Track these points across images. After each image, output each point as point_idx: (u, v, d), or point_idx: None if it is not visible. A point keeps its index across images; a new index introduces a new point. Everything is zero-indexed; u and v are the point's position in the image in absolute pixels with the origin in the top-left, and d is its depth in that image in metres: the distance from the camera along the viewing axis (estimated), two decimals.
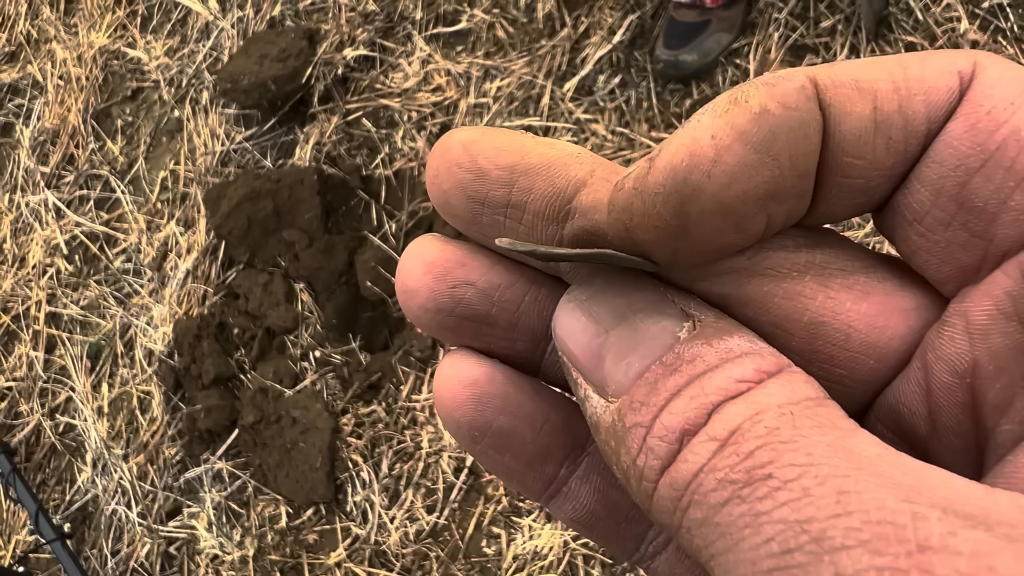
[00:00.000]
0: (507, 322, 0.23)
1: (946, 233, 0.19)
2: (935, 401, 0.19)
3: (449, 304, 0.22)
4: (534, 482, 0.23)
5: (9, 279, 1.91)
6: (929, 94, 0.19)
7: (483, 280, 0.23)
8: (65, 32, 2.12)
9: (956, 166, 0.18)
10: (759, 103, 0.18)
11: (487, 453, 0.23)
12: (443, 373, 0.23)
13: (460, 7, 1.70)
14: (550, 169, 0.21)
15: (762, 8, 1.46)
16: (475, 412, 0.22)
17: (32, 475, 1.73)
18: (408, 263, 0.23)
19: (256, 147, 1.77)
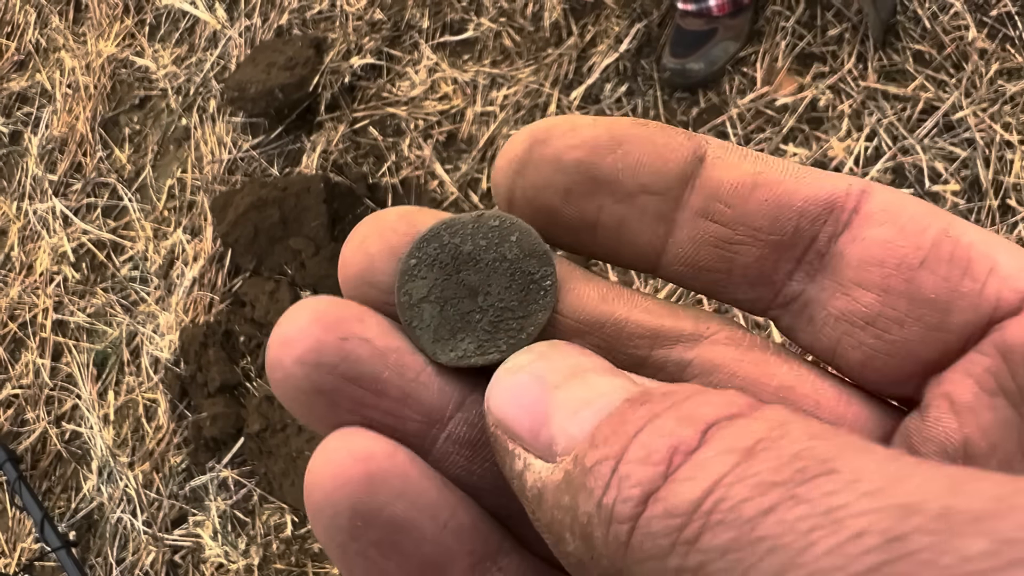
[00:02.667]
0: (399, 392, 0.19)
1: (902, 332, 0.19)
2: None
3: (334, 359, 0.18)
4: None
5: (16, 286, 1.91)
6: (827, 191, 0.19)
7: (381, 339, 0.19)
8: (74, 41, 2.13)
9: (898, 264, 0.19)
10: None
11: (366, 554, 0.18)
12: (327, 448, 0.18)
13: (467, 16, 1.70)
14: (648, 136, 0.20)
15: (769, 16, 1.46)
16: (365, 492, 0.18)
17: (38, 483, 1.73)
18: (293, 313, 0.19)
19: (263, 155, 1.77)
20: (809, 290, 0.20)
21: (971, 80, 1.29)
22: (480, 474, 0.20)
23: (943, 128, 1.29)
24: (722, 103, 1.45)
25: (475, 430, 0.20)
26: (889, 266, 0.19)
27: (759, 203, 0.20)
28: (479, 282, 0.20)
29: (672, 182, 0.20)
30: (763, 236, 0.20)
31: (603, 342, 0.20)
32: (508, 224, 0.20)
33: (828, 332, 0.20)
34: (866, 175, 1.30)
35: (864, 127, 1.33)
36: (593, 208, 0.20)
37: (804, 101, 1.38)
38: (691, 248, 0.20)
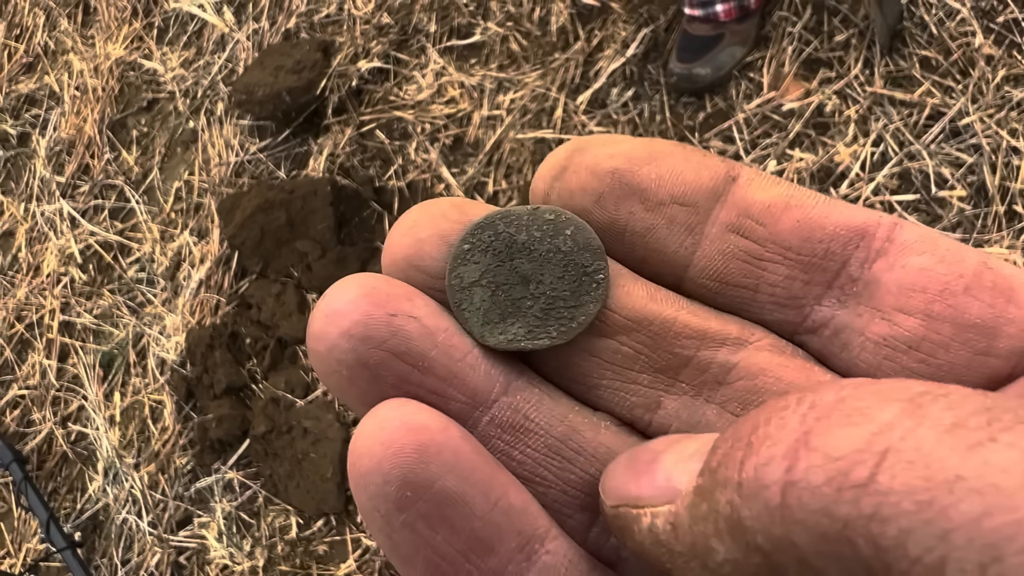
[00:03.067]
0: (446, 371, 0.19)
1: (947, 356, 0.19)
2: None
3: (383, 333, 0.18)
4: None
5: (23, 288, 1.92)
6: (860, 219, 0.20)
7: (430, 319, 0.19)
8: (82, 43, 2.14)
9: (941, 291, 0.19)
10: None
11: (414, 526, 0.18)
12: (378, 416, 0.18)
13: (474, 20, 1.71)
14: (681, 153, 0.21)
15: (776, 22, 1.46)
16: (417, 463, 0.17)
17: (44, 483, 1.74)
18: (340, 287, 0.19)
19: (270, 158, 1.78)
20: (841, 316, 0.20)
21: (978, 86, 1.29)
22: (520, 460, 0.20)
23: (950, 134, 1.29)
24: (728, 108, 1.45)
25: (518, 415, 0.20)
26: (932, 292, 0.19)
27: (791, 223, 0.20)
28: (532, 271, 0.21)
29: (703, 196, 0.20)
30: (793, 255, 0.20)
31: (650, 339, 0.20)
32: (564, 218, 0.21)
33: (867, 357, 0.20)
34: (872, 180, 1.30)
35: (871, 132, 1.33)
36: (624, 214, 0.20)
37: (811, 106, 1.38)
38: (720, 261, 0.20)
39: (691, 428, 0.20)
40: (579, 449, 0.20)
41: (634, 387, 0.21)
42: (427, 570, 0.18)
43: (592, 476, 0.20)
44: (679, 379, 0.21)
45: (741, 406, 0.20)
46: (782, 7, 1.46)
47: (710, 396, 0.20)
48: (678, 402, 0.20)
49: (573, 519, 0.20)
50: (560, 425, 0.20)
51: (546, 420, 0.20)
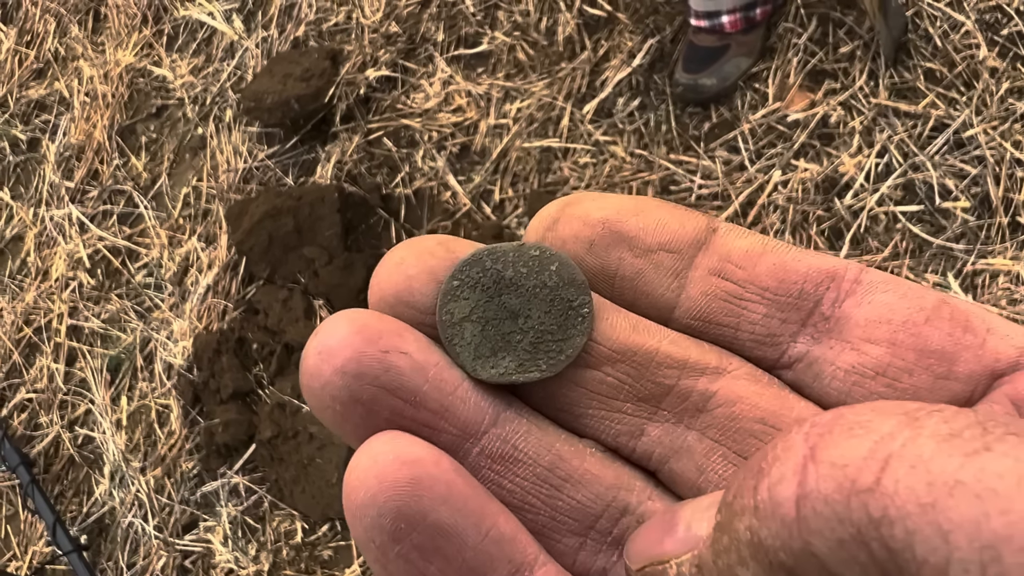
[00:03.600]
0: (437, 404, 0.20)
1: (911, 380, 0.20)
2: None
3: (376, 370, 0.19)
4: None
5: (32, 292, 1.93)
6: (830, 263, 0.21)
7: (421, 354, 0.20)
8: (92, 50, 2.16)
9: (904, 322, 0.20)
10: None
11: (408, 557, 0.18)
12: (372, 449, 0.19)
13: (481, 30, 1.72)
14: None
15: (781, 33, 1.47)
16: (410, 496, 0.18)
17: (50, 487, 1.75)
18: (332, 324, 0.20)
19: (278, 165, 1.79)
20: (814, 351, 0.21)
21: (982, 98, 1.30)
22: (509, 488, 0.20)
23: (954, 145, 1.30)
24: (734, 118, 1.46)
25: (507, 446, 0.20)
26: (896, 323, 0.21)
27: (768, 266, 0.21)
28: (520, 306, 0.22)
29: (687, 244, 0.22)
30: (770, 296, 0.21)
31: (633, 369, 0.21)
32: (548, 255, 0.22)
33: (837, 385, 0.21)
34: (877, 191, 1.31)
35: (875, 143, 1.34)
36: (613, 259, 0.22)
37: (815, 117, 1.39)
38: (703, 301, 0.22)
39: (673, 454, 0.21)
40: (566, 477, 0.21)
41: (619, 416, 0.21)
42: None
43: (579, 502, 0.21)
44: (661, 407, 0.21)
45: (720, 432, 0.21)
46: (787, 19, 1.47)
47: (691, 423, 0.21)
48: (660, 429, 0.21)
49: (561, 544, 0.21)
50: (547, 454, 0.21)
51: (534, 450, 0.21)
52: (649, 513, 0.21)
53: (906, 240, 1.28)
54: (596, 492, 0.21)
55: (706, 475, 0.21)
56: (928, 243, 1.27)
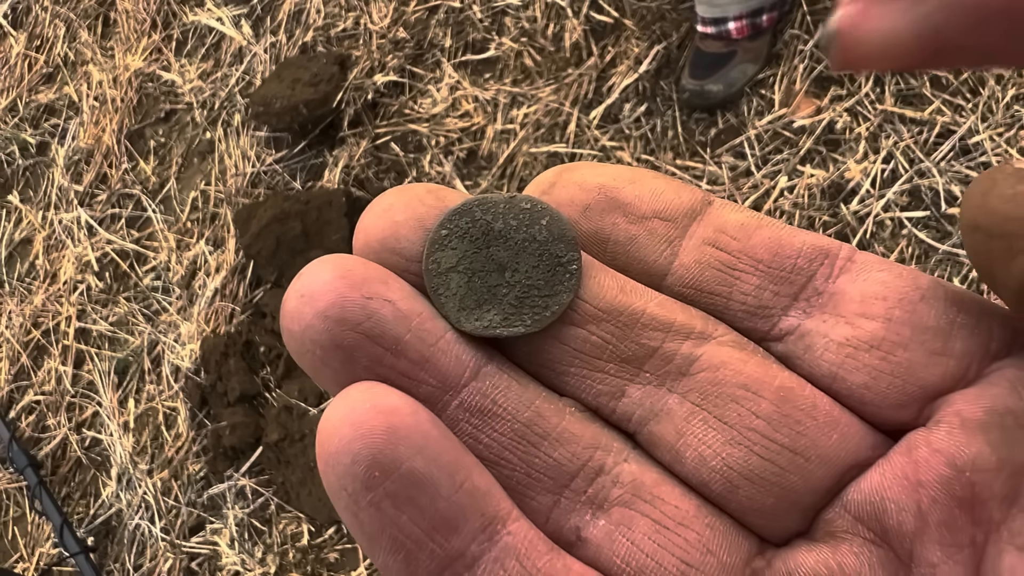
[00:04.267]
0: (418, 355, 0.20)
1: (906, 354, 0.20)
2: (928, 494, 0.19)
3: (358, 316, 0.19)
4: (427, 561, 0.18)
5: (40, 294, 1.94)
6: (824, 241, 0.22)
7: (405, 303, 0.20)
8: (102, 55, 2.18)
9: (900, 299, 0.21)
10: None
11: (380, 505, 0.18)
12: (349, 397, 0.18)
13: (489, 36, 1.73)
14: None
15: (787, 40, 1.48)
16: (385, 444, 0.18)
17: (57, 488, 1.75)
18: (315, 267, 0.19)
19: (286, 169, 1.80)
20: (806, 324, 0.21)
21: (988, 105, 1.31)
22: (486, 443, 0.20)
23: (959, 152, 1.31)
24: (740, 124, 1.47)
25: (486, 400, 0.20)
26: (892, 300, 0.21)
27: (762, 239, 0.22)
28: (508, 259, 0.22)
29: (682, 213, 0.22)
30: (763, 268, 0.22)
31: (617, 330, 0.21)
32: (539, 208, 0.22)
33: (830, 357, 0.21)
34: (883, 197, 1.32)
35: (881, 150, 1.35)
36: (608, 224, 0.22)
37: (822, 123, 1.40)
38: (696, 269, 0.22)
39: (653, 416, 0.21)
40: (544, 434, 0.21)
41: (600, 375, 0.21)
42: (391, 548, 0.18)
43: (555, 460, 0.21)
44: (644, 369, 0.21)
45: (701, 396, 0.21)
46: (794, 25, 1.48)
47: (672, 386, 0.21)
48: (642, 391, 0.21)
49: (535, 501, 0.20)
50: (526, 411, 0.21)
51: (513, 406, 0.20)
52: (624, 474, 0.21)
53: (912, 246, 1.29)
54: (573, 451, 0.21)
55: (685, 439, 0.21)
56: (934, 249, 1.27)
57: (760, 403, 0.21)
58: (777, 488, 0.20)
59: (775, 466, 0.20)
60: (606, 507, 0.21)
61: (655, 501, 0.21)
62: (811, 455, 0.20)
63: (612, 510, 0.21)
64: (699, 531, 0.20)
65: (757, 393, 0.21)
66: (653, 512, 0.21)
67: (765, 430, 0.20)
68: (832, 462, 0.20)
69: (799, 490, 0.20)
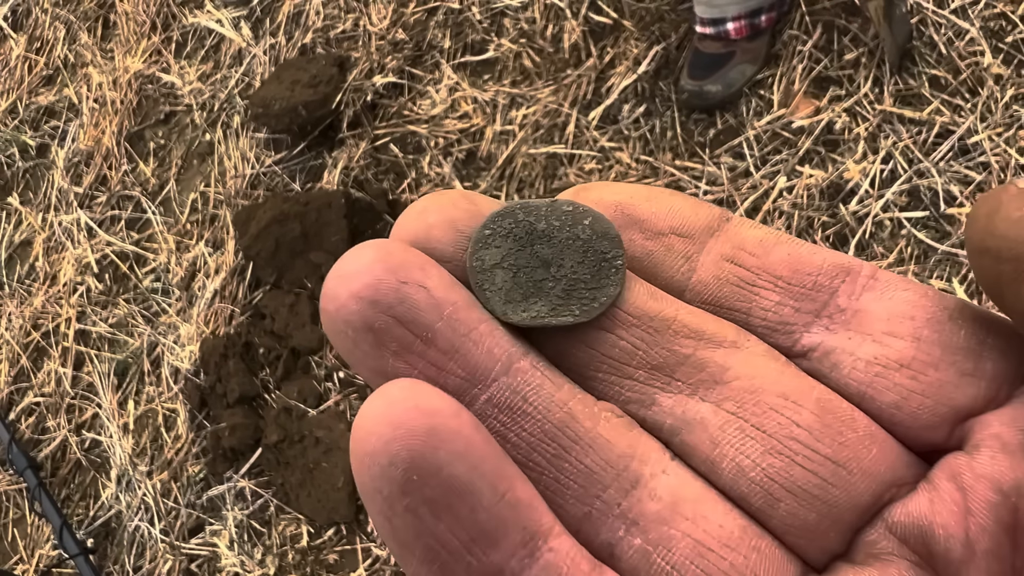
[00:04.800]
0: (448, 344, 0.19)
1: (937, 374, 0.20)
2: (977, 522, 0.19)
3: (392, 299, 0.18)
4: (464, 573, 0.18)
5: (40, 296, 1.94)
6: (846, 258, 0.21)
7: (441, 290, 0.19)
8: (101, 57, 2.18)
9: (928, 319, 0.20)
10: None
11: (417, 511, 0.17)
12: (388, 395, 0.18)
13: (488, 37, 1.73)
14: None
15: (786, 40, 1.48)
16: (426, 447, 0.17)
17: (57, 490, 1.75)
18: (357, 250, 0.19)
19: (285, 171, 1.80)
20: (830, 341, 0.21)
21: (986, 105, 1.31)
22: (515, 443, 0.19)
23: (958, 152, 1.31)
24: (739, 125, 1.47)
25: (517, 397, 0.20)
26: (920, 319, 0.20)
27: (782, 255, 0.21)
28: (552, 256, 0.22)
29: (699, 229, 0.22)
30: (783, 284, 0.21)
31: (648, 336, 0.21)
32: (581, 210, 0.22)
33: (857, 375, 0.20)
34: (882, 197, 1.32)
35: (880, 150, 1.34)
36: (624, 241, 0.22)
37: (820, 123, 1.40)
38: (715, 285, 0.21)
39: (685, 425, 0.20)
40: (576, 438, 0.20)
41: (629, 382, 0.21)
42: (426, 557, 0.17)
43: (586, 467, 0.20)
44: (675, 377, 0.21)
45: (737, 404, 0.20)
46: (793, 26, 1.48)
47: (705, 395, 0.21)
48: (673, 400, 0.21)
49: (564, 510, 0.19)
50: (559, 412, 0.20)
51: (544, 405, 0.20)
52: (662, 488, 0.20)
53: (911, 246, 1.28)
54: (606, 458, 0.20)
55: (720, 448, 0.20)
56: (933, 249, 1.27)
57: (801, 412, 0.20)
58: (820, 502, 0.20)
59: (818, 478, 0.20)
60: (642, 523, 0.19)
61: (697, 519, 0.19)
62: (853, 468, 0.20)
63: (649, 527, 0.19)
64: (746, 554, 0.19)
65: (797, 402, 0.20)
66: (695, 531, 0.19)
67: (807, 440, 0.20)
68: (873, 476, 0.20)
69: (842, 505, 0.20)
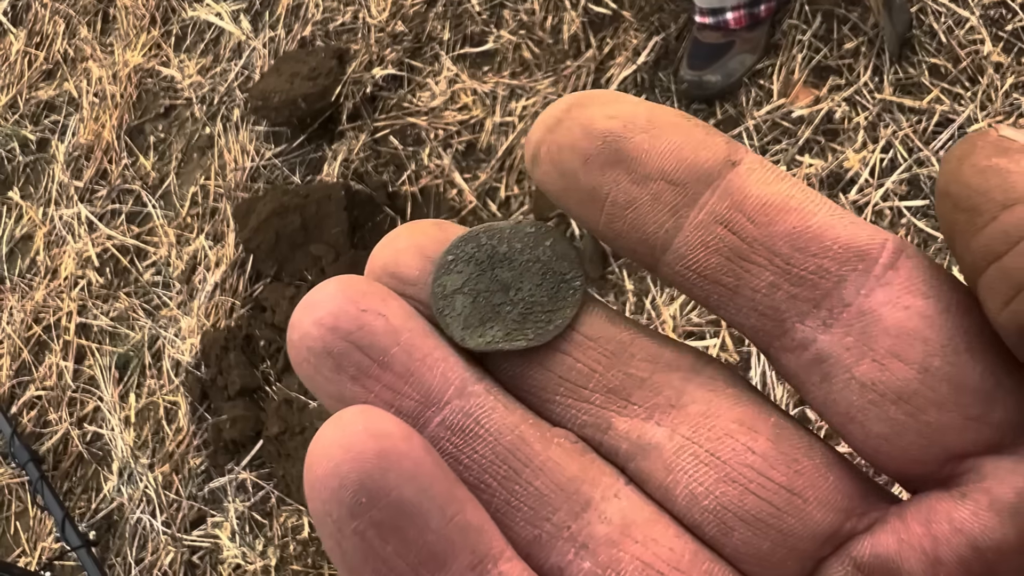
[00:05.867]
0: (403, 368, 0.19)
1: (939, 415, 0.18)
2: (946, 572, 0.18)
3: (350, 326, 0.19)
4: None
5: (41, 290, 1.95)
6: (863, 238, 0.18)
7: (398, 318, 0.20)
8: (101, 51, 2.18)
9: (944, 346, 0.18)
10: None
11: (364, 534, 0.17)
12: (341, 420, 0.18)
13: (487, 28, 1.73)
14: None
15: (786, 30, 1.48)
16: (375, 469, 0.17)
17: (59, 483, 1.76)
18: (324, 284, 0.20)
19: (285, 163, 1.80)
20: (824, 341, 0.18)
21: (986, 93, 1.31)
22: (467, 464, 0.20)
23: (958, 140, 1.30)
24: (739, 114, 1.46)
25: (469, 419, 0.20)
26: (934, 345, 0.18)
27: (786, 228, 0.18)
28: (512, 279, 0.22)
29: (696, 177, 0.19)
30: (781, 263, 0.19)
31: (604, 358, 0.20)
32: (543, 231, 0.22)
33: (849, 396, 0.18)
34: (881, 186, 1.32)
35: (880, 139, 1.34)
36: (608, 181, 0.19)
37: (820, 113, 1.39)
38: (701, 253, 0.19)
39: (640, 451, 0.20)
40: (526, 461, 0.20)
41: (585, 406, 0.20)
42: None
43: (536, 489, 0.20)
44: (632, 400, 0.20)
45: (692, 430, 0.20)
46: (792, 15, 1.48)
47: (661, 419, 0.20)
48: (628, 424, 0.20)
49: (514, 532, 0.19)
50: (510, 435, 0.20)
51: (496, 428, 0.20)
52: (612, 511, 0.20)
53: (911, 235, 1.28)
54: (556, 482, 0.20)
55: (674, 475, 0.20)
56: (933, 238, 1.27)
57: (756, 439, 0.19)
58: (774, 531, 0.19)
59: (772, 506, 0.19)
60: (591, 546, 0.19)
61: (647, 542, 0.19)
62: (809, 496, 0.19)
63: (598, 550, 0.19)
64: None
65: (752, 428, 0.19)
66: (644, 554, 0.19)
67: (761, 467, 0.19)
68: (831, 505, 0.19)
69: (797, 534, 0.19)
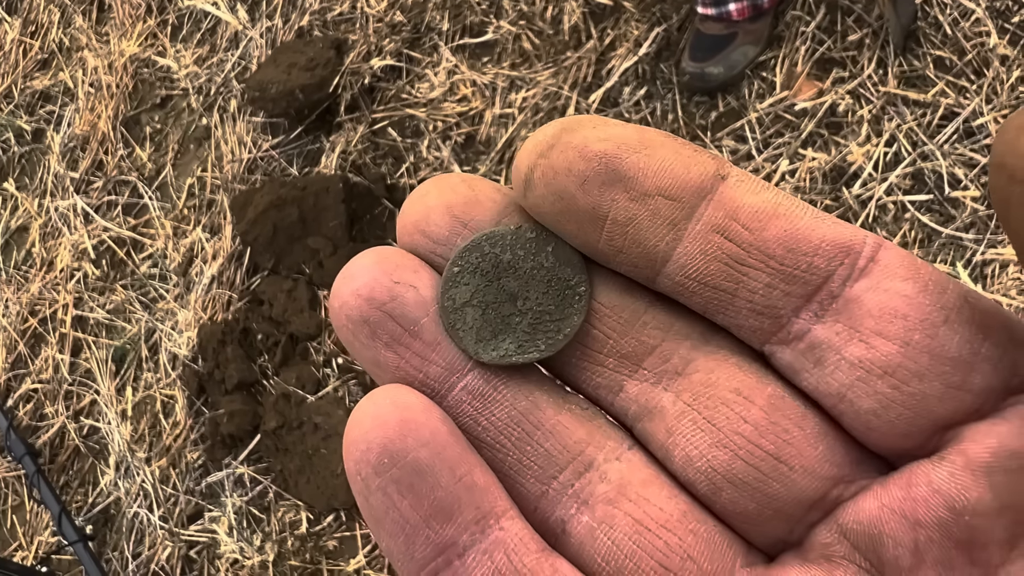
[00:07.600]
0: (431, 338, 0.22)
1: (921, 385, 0.19)
2: (926, 534, 0.19)
3: (384, 296, 0.21)
4: (423, 546, 0.20)
5: (37, 282, 1.93)
6: (847, 235, 0.20)
7: (428, 290, 0.22)
8: (96, 40, 2.16)
9: (922, 320, 0.19)
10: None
11: (385, 490, 0.20)
12: (374, 396, 0.21)
13: (487, 19, 1.71)
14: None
15: (789, 21, 1.46)
16: (396, 435, 0.20)
17: (56, 477, 1.75)
18: (362, 255, 0.22)
19: (282, 155, 1.78)
20: (817, 331, 0.20)
21: (992, 86, 1.29)
22: (484, 426, 0.22)
23: (963, 134, 1.29)
24: (741, 107, 1.45)
25: (488, 385, 0.22)
26: (913, 320, 0.19)
27: (777, 231, 0.20)
28: (518, 288, 0.23)
29: (690, 192, 0.20)
30: (775, 264, 0.20)
31: (619, 325, 0.22)
32: (544, 236, 0.22)
33: (840, 376, 0.20)
34: (885, 180, 1.30)
35: (884, 132, 1.33)
36: (606, 201, 0.20)
37: (823, 106, 1.38)
38: (701, 261, 0.20)
39: (646, 413, 0.22)
40: (538, 424, 0.22)
41: (600, 368, 0.22)
42: (392, 531, 0.20)
43: (546, 450, 0.22)
44: (643, 366, 0.22)
45: (693, 396, 0.21)
46: (795, 6, 1.46)
47: (668, 385, 0.22)
48: (638, 388, 0.22)
49: (524, 488, 0.22)
50: (524, 400, 0.22)
51: (512, 393, 0.22)
52: (612, 472, 0.21)
53: (915, 230, 1.27)
54: (564, 444, 0.22)
55: (674, 438, 0.21)
56: (937, 232, 1.26)
57: (750, 408, 0.21)
58: (759, 494, 0.20)
59: (759, 472, 0.20)
60: (591, 503, 0.21)
61: (640, 501, 0.21)
62: (795, 464, 0.20)
63: (596, 506, 0.21)
64: (681, 536, 0.21)
65: (748, 398, 0.21)
66: (636, 511, 0.21)
67: (752, 435, 0.20)
68: (817, 474, 0.20)
69: (782, 498, 0.20)
